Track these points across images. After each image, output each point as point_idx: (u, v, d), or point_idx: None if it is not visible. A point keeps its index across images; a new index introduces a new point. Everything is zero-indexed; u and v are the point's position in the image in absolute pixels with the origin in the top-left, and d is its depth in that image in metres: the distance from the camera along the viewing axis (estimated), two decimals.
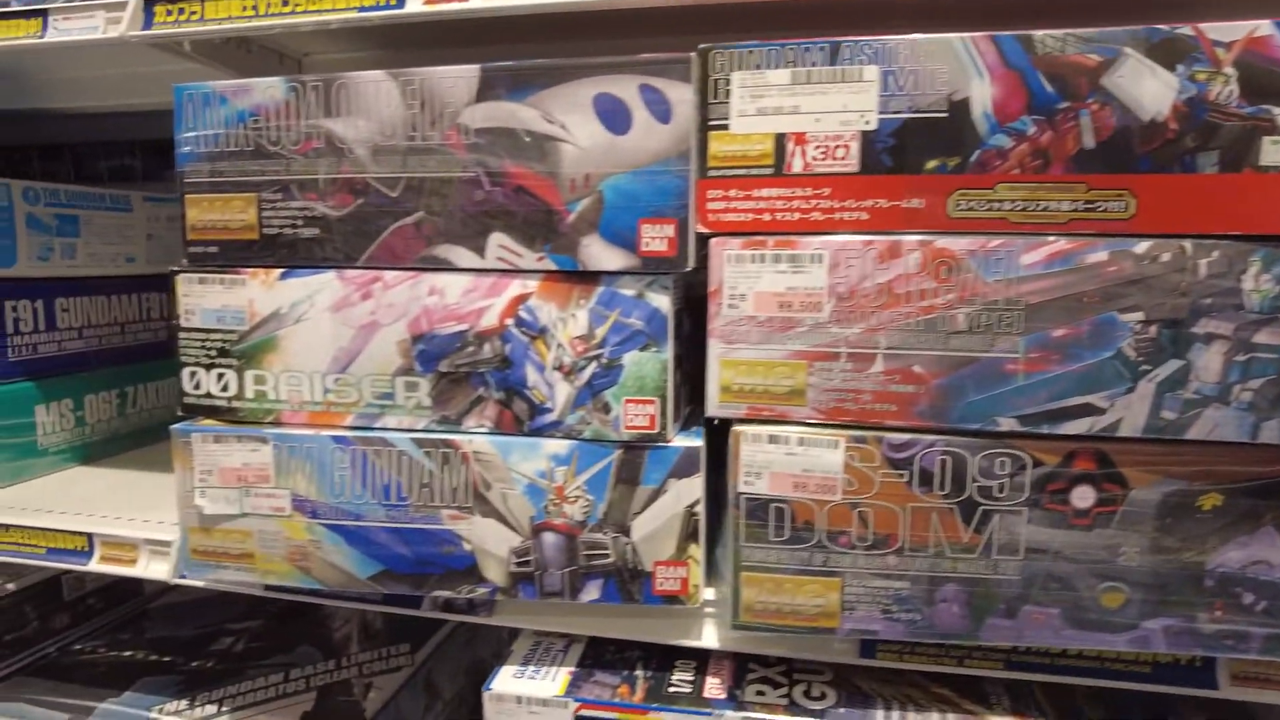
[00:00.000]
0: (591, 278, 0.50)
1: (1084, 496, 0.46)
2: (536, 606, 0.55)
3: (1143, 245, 0.43)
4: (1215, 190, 0.43)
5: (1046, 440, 0.46)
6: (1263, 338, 0.43)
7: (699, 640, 0.54)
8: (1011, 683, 0.55)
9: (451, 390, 0.52)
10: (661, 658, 0.57)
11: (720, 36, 0.47)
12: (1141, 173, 0.43)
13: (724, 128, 0.47)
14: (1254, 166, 0.42)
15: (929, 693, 0.53)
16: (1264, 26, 0.42)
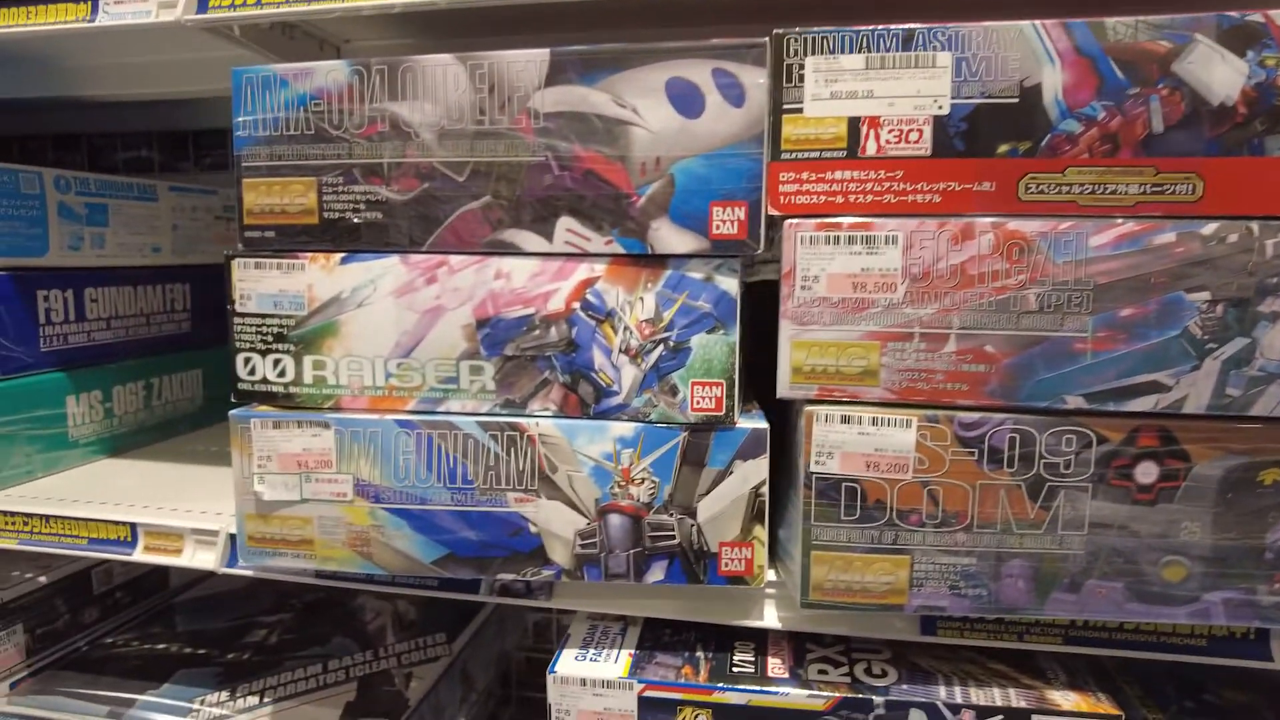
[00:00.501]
0: (659, 261, 0.50)
1: (1148, 472, 0.47)
2: (595, 589, 0.56)
3: (1210, 227, 0.44)
4: None
5: (1112, 418, 0.47)
6: None
7: (760, 620, 0.54)
8: (1066, 657, 0.56)
9: (517, 374, 0.52)
10: (720, 639, 0.57)
11: (783, 25, 0.48)
12: (1210, 156, 0.44)
13: (798, 111, 0.47)
14: None
15: (986, 668, 0.54)
16: None
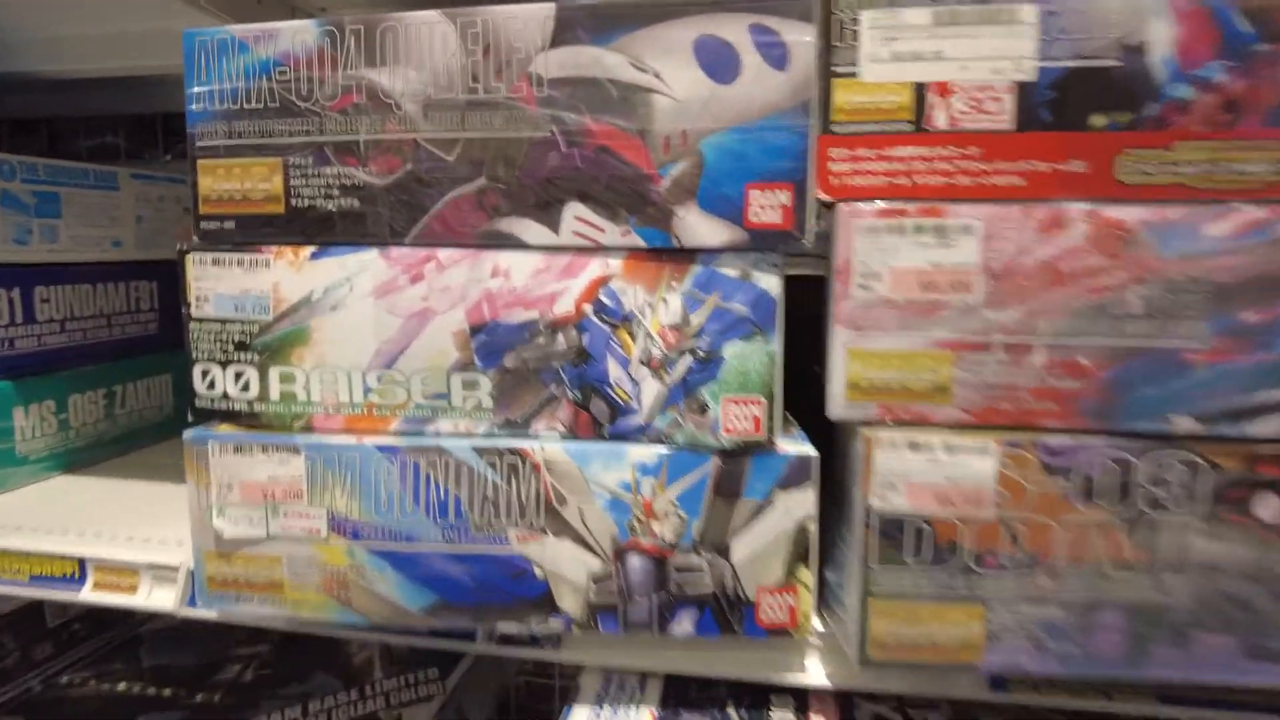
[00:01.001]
0: (687, 256, 0.42)
1: (1270, 507, 0.39)
2: (611, 640, 0.48)
3: None
4: None
5: (1229, 443, 0.39)
6: None
7: (803, 676, 0.46)
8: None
9: (518, 389, 0.44)
10: (755, 694, 0.49)
11: None
12: None
13: (852, 75, 0.39)
14: None
15: None
16: None
